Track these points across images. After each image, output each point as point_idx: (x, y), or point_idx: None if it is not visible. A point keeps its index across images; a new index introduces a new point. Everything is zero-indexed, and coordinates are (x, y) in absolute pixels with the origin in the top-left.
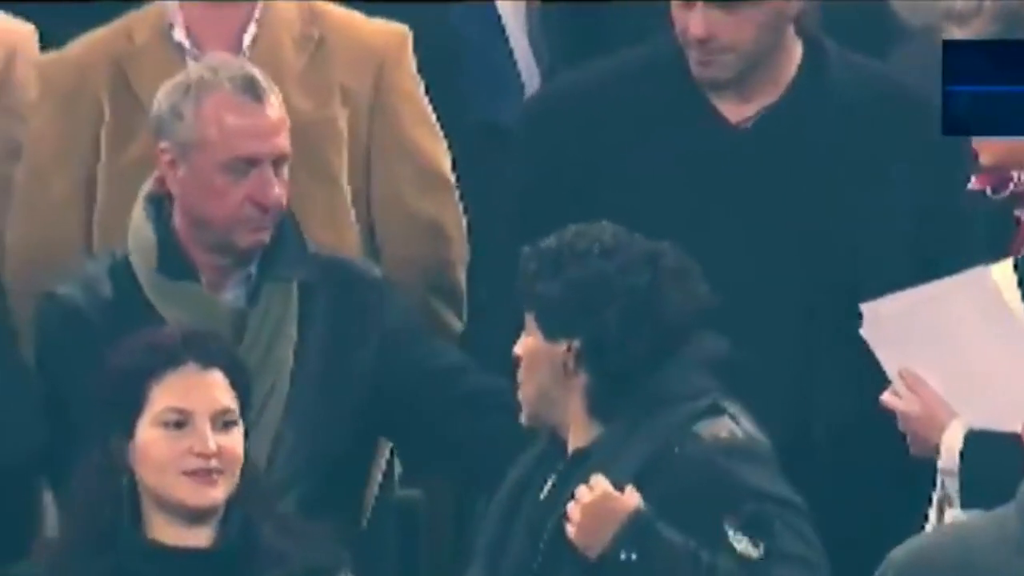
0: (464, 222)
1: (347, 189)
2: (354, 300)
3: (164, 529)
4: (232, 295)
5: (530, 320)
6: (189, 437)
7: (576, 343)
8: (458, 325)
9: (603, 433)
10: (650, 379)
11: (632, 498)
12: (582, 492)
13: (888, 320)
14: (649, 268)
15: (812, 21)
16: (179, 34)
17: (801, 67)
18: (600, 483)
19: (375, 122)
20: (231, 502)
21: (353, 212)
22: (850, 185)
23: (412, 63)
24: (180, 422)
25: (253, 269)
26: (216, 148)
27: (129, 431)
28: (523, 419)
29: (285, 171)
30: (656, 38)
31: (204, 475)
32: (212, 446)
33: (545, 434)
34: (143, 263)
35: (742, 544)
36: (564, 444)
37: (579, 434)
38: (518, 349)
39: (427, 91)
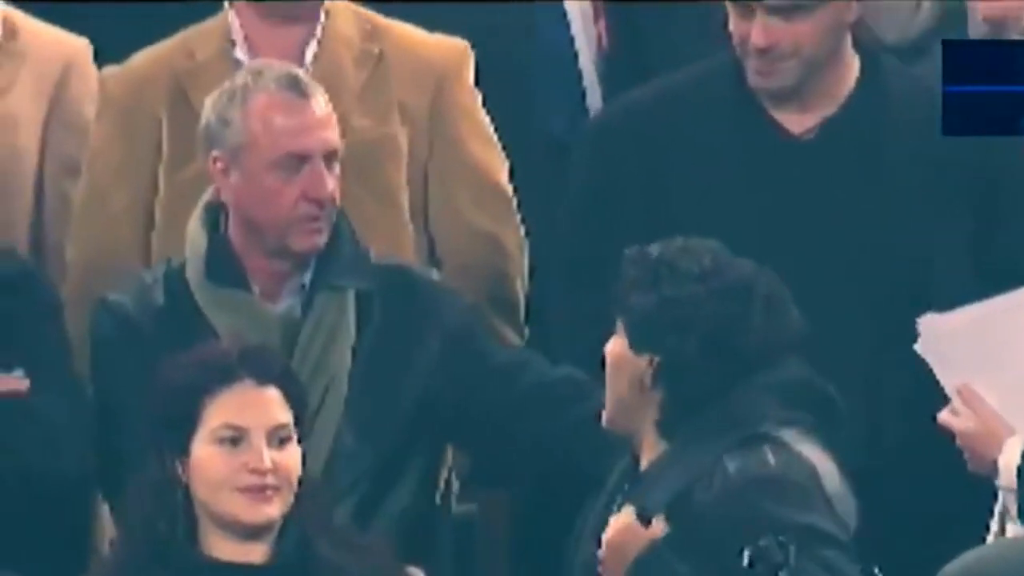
0: (523, 236)
1: (406, 206)
2: (412, 303)
3: (219, 545)
4: (286, 304)
5: (620, 325)
6: (245, 454)
7: (657, 359)
8: (517, 340)
9: (661, 455)
10: (716, 404)
11: (652, 532)
12: (609, 526)
13: (945, 337)
14: (741, 296)
15: (869, 35)
16: (240, 52)
17: (859, 79)
18: (623, 517)
19: (434, 137)
20: (287, 518)
21: (412, 228)
22: (911, 196)
23: (471, 78)
24: (236, 439)
25: (307, 279)
26: (265, 148)
27: (184, 447)
28: (603, 421)
29: (336, 167)
30: (715, 53)
31: (259, 491)
32: (267, 463)
33: (628, 444)
34: (195, 270)
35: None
36: (638, 461)
37: (648, 452)
38: (607, 348)
39: (486, 103)
